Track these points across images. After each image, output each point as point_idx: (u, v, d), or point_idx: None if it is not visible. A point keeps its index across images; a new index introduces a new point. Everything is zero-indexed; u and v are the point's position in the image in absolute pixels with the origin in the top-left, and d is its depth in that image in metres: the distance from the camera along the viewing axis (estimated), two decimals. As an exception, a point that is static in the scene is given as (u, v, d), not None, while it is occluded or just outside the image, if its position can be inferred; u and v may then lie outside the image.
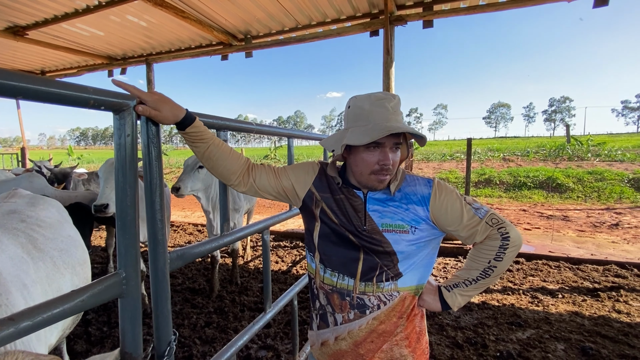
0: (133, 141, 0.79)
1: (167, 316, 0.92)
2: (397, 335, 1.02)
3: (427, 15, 4.36)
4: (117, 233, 0.80)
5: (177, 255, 0.98)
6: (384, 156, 0.94)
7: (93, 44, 5.98)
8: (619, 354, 2.37)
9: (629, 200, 8.21)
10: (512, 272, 3.93)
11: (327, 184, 1.07)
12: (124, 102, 0.76)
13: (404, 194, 1.01)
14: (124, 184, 0.78)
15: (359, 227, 1.00)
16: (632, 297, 3.24)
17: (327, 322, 1.06)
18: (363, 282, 1.00)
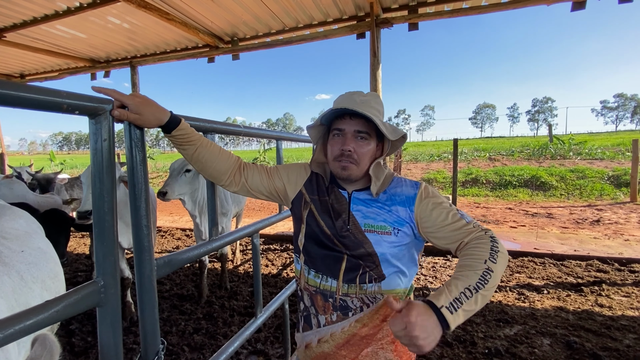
0: (110, 146, 0.77)
1: (155, 325, 0.90)
2: (382, 339, 0.99)
3: (412, 18, 4.42)
4: (94, 240, 0.78)
5: (164, 262, 0.96)
6: (344, 141, 0.97)
7: (74, 47, 5.84)
8: (602, 346, 2.43)
9: (609, 197, 8.46)
10: (499, 269, 4.00)
11: (316, 186, 1.08)
12: (99, 106, 0.74)
13: (389, 195, 1.00)
14: (101, 189, 0.76)
15: (342, 227, 1.00)
16: (614, 291, 3.33)
17: (311, 324, 1.05)
18: (346, 283, 0.98)
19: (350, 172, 0.98)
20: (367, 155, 0.98)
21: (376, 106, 0.98)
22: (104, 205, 0.76)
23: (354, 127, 0.97)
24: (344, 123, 0.98)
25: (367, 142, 0.98)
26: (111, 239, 0.78)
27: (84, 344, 2.63)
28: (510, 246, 4.83)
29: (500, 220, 6.64)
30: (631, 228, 5.71)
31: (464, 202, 8.83)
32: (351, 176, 0.99)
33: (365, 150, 0.98)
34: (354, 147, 0.96)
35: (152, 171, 18.94)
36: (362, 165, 0.98)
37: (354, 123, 0.96)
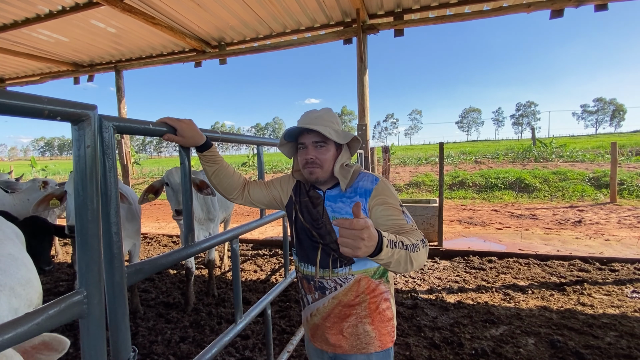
0: (94, 152, 0.76)
1: (125, 332, 0.89)
2: (360, 312, 1.18)
3: (397, 24, 4.51)
4: (77, 249, 0.76)
5: (136, 270, 0.94)
6: (306, 152, 1.18)
7: (57, 50, 5.73)
8: (585, 344, 2.50)
9: (590, 198, 8.72)
10: (486, 270, 4.07)
11: (299, 190, 1.30)
12: (82, 112, 0.73)
13: (354, 188, 1.18)
14: (84, 197, 0.74)
15: (317, 221, 1.20)
16: (595, 290, 3.43)
17: (304, 302, 1.28)
18: (321, 268, 1.19)
19: (317, 175, 1.18)
20: (328, 159, 1.18)
21: (329, 118, 1.19)
22: (87, 213, 0.75)
23: (312, 139, 1.17)
24: (303, 138, 1.19)
25: (326, 148, 1.18)
26: (95, 248, 0.77)
27: (64, 357, 2.55)
28: (496, 247, 4.92)
29: (486, 222, 6.77)
30: (611, 228, 5.90)
31: (451, 204, 8.97)
32: (318, 178, 1.19)
33: (326, 155, 1.18)
34: (315, 155, 1.17)
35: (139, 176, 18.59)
36: (325, 168, 1.18)
37: (311, 136, 1.17)
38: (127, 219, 2.83)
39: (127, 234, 2.85)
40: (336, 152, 1.20)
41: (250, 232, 6.12)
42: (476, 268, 4.16)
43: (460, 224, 6.66)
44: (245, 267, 4.51)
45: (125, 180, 6.26)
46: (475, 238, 5.55)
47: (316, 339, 1.25)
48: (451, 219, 7.14)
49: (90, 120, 0.75)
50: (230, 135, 1.34)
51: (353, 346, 1.18)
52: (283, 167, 16.97)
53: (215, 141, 1.24)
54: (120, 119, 0.89)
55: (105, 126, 0.84)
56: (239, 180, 1.32)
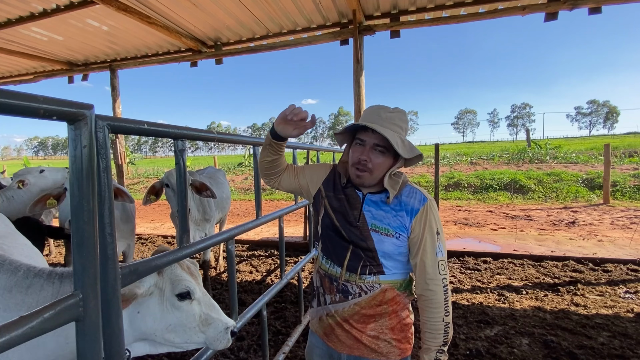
0: (90, 152, 0.75)
1: (119, 335, 0.89)
2: (382, 322, 1.14)
3: (394, 26, 4.52)
4: (73, 250, 0.75)
5: (130, 271, 0.94)
6: (362, 151, 1.10)
7: (51, 49, 5.67)
8: (578, 345, 2.52)
9: (583, 199, 8.82)
10: (481, 271, 4.09)
11: (333, 184, 1.23)
12: (79, 111, 0.72)
13: (400, 201, 1.13)
14: (80, 198, 0.74)
15: (352, 222, 1.14)
16: (588, 290, 3.46)
17: (320, 301, 1.23)
18: (348, 271, 1.14)
19: (363, 180, 1.12)
20: (382, 166, 1.11)
21: (400, 123, 1.11)
22: (83, 214, 0.74)
23: (373, 140, 1.09)
24: (366, 135, 1.11)
25: (384, 155, 1.10)
26: (91, 249, 0.76)
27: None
28: (491, 248, 4.96)
29: (481, 222, 6.81)
30: (604, 229, 5.97)
31: (446, 205, 9.01)
32: (364, 183, 1.13)
33: (380, 161, 1.10)
34: (370, 157, 1.09)
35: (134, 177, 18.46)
36: (375, 175, 1.11)
37: (374, 137, 1.09)
38: (121, 220, 2.81)
39: (122, 235, 2.82)
40: (392, 162, 1.12)
41: (246, 233, 6.10)
42: (471, 269, 4.18)
43: (455, 225, 6.70)
44: (241, 267, 4.49)
45: (119, 180, 6.21)
46: (471, 239, 5.59)
47: (331, 338, 1.20)
48: (447, 219, 7.18)
49: (86, 120, 0.75)
50: (226, 135, 1.33)
51: (372, 351, 1.15)
52: (279, 168, 16.92)
53: (210, 141, 1.24)
54: (115, 118, 0.89)
55: (99, 126, 0.83)
56: (282, 166, 1.30)
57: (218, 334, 1.14)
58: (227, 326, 1.16)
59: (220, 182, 4.22)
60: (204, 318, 1.15)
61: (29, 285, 1.13)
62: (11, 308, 1.09)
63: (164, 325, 1.12)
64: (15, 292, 1.12)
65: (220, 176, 4.40)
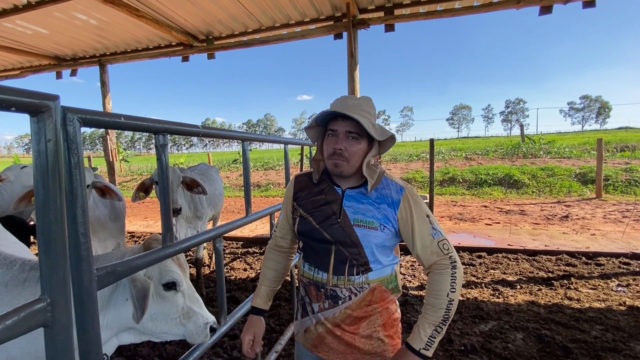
0: (57, 147, 0.70)
1: (96, 340, 0.84)
2: (373, 321, 1.12)
3: (388, 19, 4.47)
4: (39, 252, 0.71)
5: (107, 272, 0.89)
6: (336, 141, 1.07)
7: (37, 43, 5.53)
8: (572, 339, 2.52)
9: (576, 194, 8.88)
10: (475, 266, 4.09)
11: (304, 189, 1.20)
12: (42, 102, 0.67)
13: (380, 194, 1.11)
14: (46, 196, 0.69)
15: (333, 220, 1.10)
16: (582, 284, 3.48)
17: (307, 311, 1.18)
18: (335, 275, 1.10)
19: (342, 169, 1.08)
20: (358, 153, 1.08)
21: (367, 109, 1.08)
22: (49, 213, 0.69)
23: (345, 128, 1.07)
24: (336, 124, 1.08)
25: (358, 141, 1.08)
26: (59, 251, 0.71)
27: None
28: (485, 243, 4.96)
29: (476, 217, 6.83)
30: (597, 223, 6.01)
31: (441, 200, 9.03)
32: (343, 172, 1.09)
33: (356, 148, 1.07)
34: (345, 146, 1.07)
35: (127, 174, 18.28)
36: (352, 163, 1.08)
37: (345, 124, 1.07)
38: (110, 218, 2.75)
39: (111, 233, 2.76)
40: (367, 148, 1.10)
41: (241, 230, 6.04)
42: (466, 264, 4.18)
43: (450, 220, 6.70)
44: (235, 265, 4.45)
45: (111, 178, 6.11)
46: (465, 234, 5.59)
47: (322, 349, 1.15)
48: (441, 215, 7.18)
49: (51, 112, 0.69)
50: (212, 130, 1.27)
51: (366, 353, 1.12)
52: (274, 164, 16.85)
53: (195, 136, 1.18)
54: (87, 111, 0.83)
55: (69, 119, 0.78)
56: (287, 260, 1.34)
57: (197, 328, 1.15)
58: (207, 321, 1.16)
59: (213, 178, 4.16)
60: (186, 310, 1.15)
61: (25, 279, 1.14)
62: (7, 302, 1.10)
63: (148, 314, 1.11)
64: (12, 287, 1.12)
65: (212, 173, 4.33)
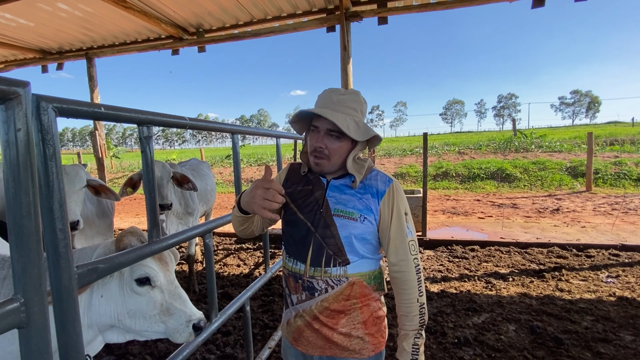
0: (28, 137, 0.66)
1: (77, 340, 0.81)
2: (353, 318, 1.09)
3: (381, 12, 4.42)
4: (11, 250, 0.67)
5: (88, 270, 0.85)
6: (316, 139, 1.07)
7: (22, 36, 5.37)
8: (563, 329, 2.55)
9: (567, 187, 8.99)
10: (468, 259, 4.11)
11: (293, 179, 1.19)
12: (9, 89, 0.62)
13: (364, 185, 1.10)
14: (16, 189, 0.64)
15: (316, 210, 1.09)
16: (572, 276, 3.52)
17: (287, 303, 1.17)
18: (312, 267, 1.08)
19: (322, 167, 1.08)
20: (339, 152, 1.07)
21: (352, 105, 1.06)
22: (20, 208, 0.65)
23: (326, 126, 1.05)
24: (318, 121, 1.07)
25: (339, 139, 1.06)
26: (32, 248, 0.67)
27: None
28: (478, 236, 5.00)
29: (468, 211, 6.87)
30: (587, 215, 6.09)
31: (434, 195, 9.07)
32: (323, 170, 1.09)
33: (336, 146, 1.06)
34: (325, 144, 1.06)
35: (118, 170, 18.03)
36: (333, 160, 1.07)
37: (327, 122, 1.04)
38: (97, 215, 2.68)
39: (98, 231, 2.70)
40: (350, 146, 1.09)
41: (234, 226, 6.00)
42: (459, 257, 4.20)
43: (443, 214, 6.74)
44: (229, 261, 4.41)
45: (100, 174, 5.99)
46: (458, 227, 5.63)
47: (300, 342, 1.13)
48: (435, 209, 7.22)
49: (20, 99, 0.65)
50: (200, 122, 1.23)
51: (344, 349, 1.10)
52: (268, 160, 16.75)
53: (182, 128, 1.14)
54: (64, 100, 0.79)
55: (43, 107, 0.73)
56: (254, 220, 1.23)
57: (179, 325, 1.09)
58: (189, 319, 1.10)
59: (204, 174, 4.10)
60: (166, 307, 1.10)
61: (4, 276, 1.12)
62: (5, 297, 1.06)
63: (125, 310, 1.09)
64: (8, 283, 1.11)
65: (204, 168, 4.27)
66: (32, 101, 0.74)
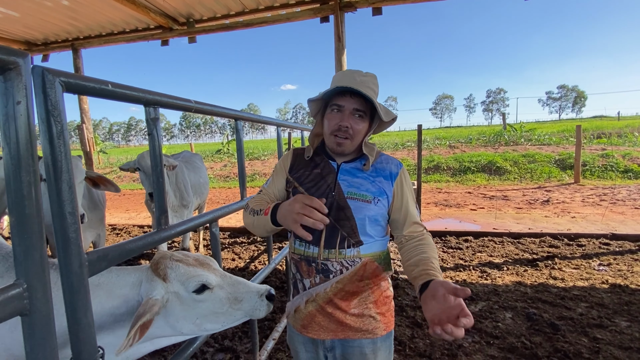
0: (28, 111, 0.61)
1: (89, 330, 0.77)
2: (365, 298, 1.09)
3: (375, 2, 4.38)
4: (12, 232, 0.62)
5: (99, 257, 0.81)
6: (342, 118, 1.04)
7: (6, 27, 5.17)
8: (558, 316, 2.59)
9: (556, 179, 9.16)
10: (463, 250, 4.16)
11: (299, 163, 1.18)
12: (8, 58, 0.58)
13: (375, 168, 1.11)
14: (16, 168, 0.60)
15: (327, 194, 1.08)
16: (565, 264, 3.59)
17: (298, 288, 1.15)
18: (326, 249, 1.07)
19: (344, 147, 1.07)
20: (362, 132, 1.07)
21: (373, 87, 1.05)
22: (21, 186, 0.61)
23: (352, 105, 1.04)
24: (344, 100, 1.04)
25: (363, 120, 1.06)
26: (35, 230, 0.63)
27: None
28: (471, 227, 5.05)
29: (461, 203, 6.94)
30: (576, 206, 6.22)
31: (427, 187, 9.14)
32: (345, 151, 1.09)
33: (361, 127, 1.06)
34: (351, 124, 1.04)
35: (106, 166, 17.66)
36: (355, 141, 1.07)
37: (353, 101, 1.03)
38: (88, 208, 2.61)
39: (90, 224, 2.63)
40: (368, 127, 1.10)
41: (227, 220, 5.94)
42: (453, 247, 4.25)
43: (436, 206, 6.79)
44: (223, 255, 4.37)
45: (88, 169, 5.84)
46: (451, 219, 5.68)
47: (311, 328, 1.12)
48: (427, 201, 7.27)
49: (19, 70, 0.60)
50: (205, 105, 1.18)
51: (357, 330, 1.10)
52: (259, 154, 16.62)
53: (188, 111, 1.10)
54: (71, 74, 0.74)
55: (49, 81, 0.69)
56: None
57: (254, 304, 1.09)
58: (260, 293, 1.10)
59: (198, 166, 4.03)
60: (233, 297, 1.09)
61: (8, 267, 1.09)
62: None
63: (193, 319, 1.06)
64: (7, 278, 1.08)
65: (196, 160, 4.20)
66: (38, 74, 0.70)
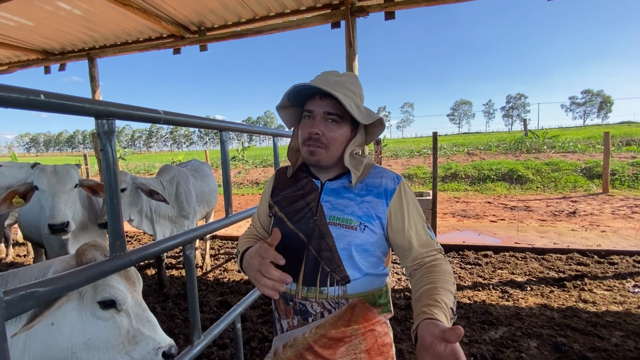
0: None
1: None
2: (355, 347, 0.90)
3: (388, 6, 4.23)
4: None
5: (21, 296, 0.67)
6: (311, 124, 0.90)
7: (23, 36, 5.31)
8: (590, 347, 2.31)
9: (582, 189, 8.65)
10: (482, 266, 3.88)
11: (283, 184, 1.03)
12: None
13: (365, 185, 0.93)
14: None
15: (309, 218, 0.92)
16: (596, 285, 3.27)
17: (276, 329, 1.01)
18: (305, 286, 0.90)
19: (318, 157, 0.90)
20: (338, 140, 0.91)
21: (351, 87, 0.91)
22: None
23: (323, 109, 0.89)
24: (313, 104, 0.90)
25: (338, 125, 0.90)
26: None
27: None
28: (491, 241, 4.75)
29: (480, 214, 6.61)
30: (606, 219, 5.79)
31: (443, 197, 8.81)
32: (320, 162, 0.91)
33: (336, 134, 0.90)
34: (322, 130, 0.89)
35: (124, 172, 18.09)
36: (332, 151, 0.91)
37: (323, 104, 0.89)
38: (90, 219, 2.54)
39: (91, 236, 2.56)
40: (350, 134, 0.93)
41: (237, 229, 5.84)
42: (472, 263, 3.98)
43: (453, 217, 6.49)
44: (229, 266, 4.25)
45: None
46: (470, 231, 5.38)
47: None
48: (444, 212, 6.97)
49: None
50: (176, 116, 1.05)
51: None
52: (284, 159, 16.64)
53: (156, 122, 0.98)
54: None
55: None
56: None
57: (146, 354, 0.92)
58: (158, 346, 0.93)
59: (205, 174, 3.96)
60: (132, 334, 0.92)
61: None
62: None
63: (82, 340, 0.89)
64: None
65: (205, 169, 4.13)
66: None
